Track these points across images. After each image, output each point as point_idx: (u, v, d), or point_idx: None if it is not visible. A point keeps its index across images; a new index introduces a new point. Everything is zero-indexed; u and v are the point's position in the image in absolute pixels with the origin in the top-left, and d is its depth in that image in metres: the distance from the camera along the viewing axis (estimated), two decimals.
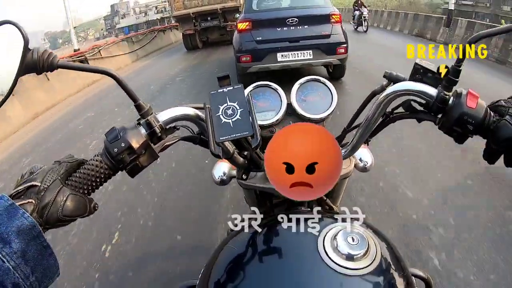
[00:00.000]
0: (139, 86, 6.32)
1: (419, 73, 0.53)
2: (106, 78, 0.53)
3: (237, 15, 5.31)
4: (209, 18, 10.55)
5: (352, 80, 4.99)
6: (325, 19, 4.49)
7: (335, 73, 4.97)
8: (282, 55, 4.52)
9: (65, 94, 6.74)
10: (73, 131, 4.48)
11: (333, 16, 4.49)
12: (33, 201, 0.43)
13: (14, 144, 4.43)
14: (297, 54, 4.51)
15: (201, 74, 6.87)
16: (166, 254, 1.93)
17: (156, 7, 45.63)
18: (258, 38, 4.51)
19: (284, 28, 4.48)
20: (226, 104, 0.46)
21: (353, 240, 0.45)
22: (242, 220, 0.63)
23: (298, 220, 0.59)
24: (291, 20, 4.45)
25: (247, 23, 4.57)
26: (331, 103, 0.73)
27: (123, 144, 0.48)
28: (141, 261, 1.89)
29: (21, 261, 0.39)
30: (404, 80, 0.56)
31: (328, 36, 4.47)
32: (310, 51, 4.49)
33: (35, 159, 3.63)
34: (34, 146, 4.17)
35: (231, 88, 0.48)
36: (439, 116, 0.52)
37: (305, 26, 4.47)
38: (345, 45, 4.50)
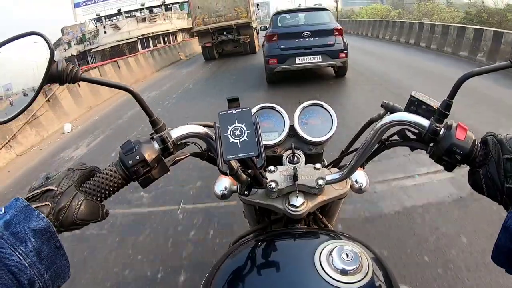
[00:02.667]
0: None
1: (414, 104, 0.56)
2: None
3: (266, 26, 7.04)
4: (224, 33, 12.20)
5: None
6: (330, 32, 6.20)
7: (340, 72, 6.64)
8: (299, 59, 6.19)
9: None
10: None
11: (336, 30, 6.20)
12: (50, 204, 0.46)
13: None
14: (310, 58, 6.18)
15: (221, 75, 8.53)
16: None
17: (91, 33, 27.11)
18: (282, 46, 6.20)
19: (301, 39, 6.17)
20: (234, 125, 0.48)
21: (347, 256, 0.49)
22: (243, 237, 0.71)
23: (296, 236, 0.65)
24: (305, 33, 6.15)
25: (274, 35, 6.27)
26: (331, 127, 0.77)
27: (137, 157, 0.51)
28: None
29: (36, 259, 0.41)
30: (400, 110, 0.61)
31: (332, 45, 6.15)
32: (320, 56, 6.16)
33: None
34: None
35: (240, 110, 0.50)
36: (431, 145, 0.55)
37: (316, 38, 6.17)
38: (345, 51, 6.17)
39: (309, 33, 6.16)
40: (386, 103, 0.64)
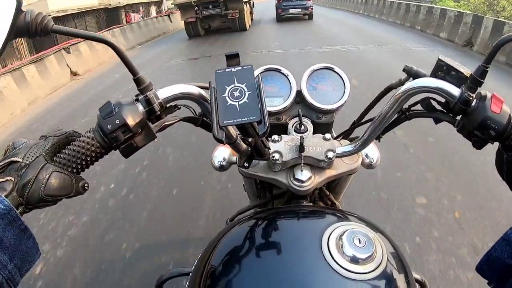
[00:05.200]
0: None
1: (442, 70, 0.50)
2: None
3: None
4: (210, 6, 10.93)
5: None
6: None
7: (309, 17, 13.88)
8: (291, 11, 13.58)
9: None
10: None
11: None
12: (13, 179, 0.40)
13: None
14: (296, 10, 13.60)
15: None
16: None
17: None
18: (284, 4, 13.43)
19: (292, 2, 13.40)
20: (233, 85, 0.41)
21: (359, 241, 0.43)
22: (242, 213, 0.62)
23: (301, 215, 0.58)
24: None
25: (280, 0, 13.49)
26: (343, 94, 0.70)
27: (117, 121, 0.45)
28: None
29: None
30: (425, 76, 0.55)
31: (305, 4, 13.55)
32: (300, 9, 13.64)
33: None
34: None
35: (240, 68, 0.42)
36: (458, 118, 0.50)
37: (298, 1, 13.47)
38: (311, 7, 13.65)
39: None
40: (409, 67, 0.58)
